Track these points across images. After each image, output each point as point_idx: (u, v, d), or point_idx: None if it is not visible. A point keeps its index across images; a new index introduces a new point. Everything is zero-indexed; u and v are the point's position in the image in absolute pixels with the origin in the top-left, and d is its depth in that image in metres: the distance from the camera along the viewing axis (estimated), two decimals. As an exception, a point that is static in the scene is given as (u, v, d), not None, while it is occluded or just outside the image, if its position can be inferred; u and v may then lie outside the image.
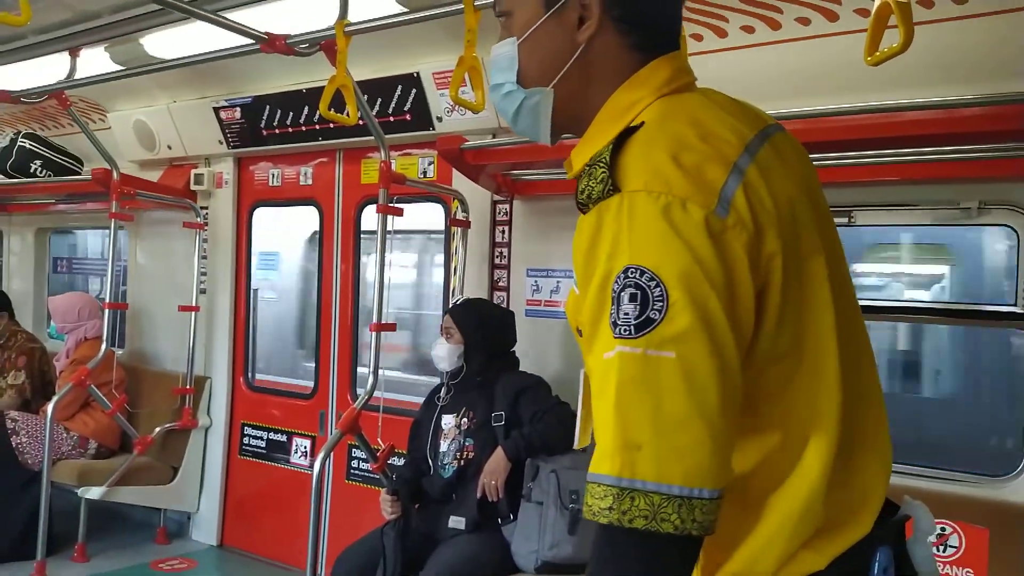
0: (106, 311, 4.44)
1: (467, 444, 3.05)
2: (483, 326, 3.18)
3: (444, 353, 3.14)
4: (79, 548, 4.41)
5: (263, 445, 4.70)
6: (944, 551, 2.51)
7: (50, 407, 4.29)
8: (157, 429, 4.67)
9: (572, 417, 3.30)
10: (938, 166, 2.63)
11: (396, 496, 3.03)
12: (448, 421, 3.14)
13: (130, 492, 4.53)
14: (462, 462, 3.02)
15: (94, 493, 4.35)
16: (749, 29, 2.84)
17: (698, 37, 2.90)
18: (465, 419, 3.10)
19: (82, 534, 4.43)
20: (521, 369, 3.23)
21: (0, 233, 6.65)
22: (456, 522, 2.95)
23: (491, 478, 2.89)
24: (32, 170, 5.23)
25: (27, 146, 5.23)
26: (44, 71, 4.02)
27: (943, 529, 2.53)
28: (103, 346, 4.40)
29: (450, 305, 3.46)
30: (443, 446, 3.12)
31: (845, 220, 2.91)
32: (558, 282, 3.62)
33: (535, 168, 3.50)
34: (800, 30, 2.75)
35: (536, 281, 3.68)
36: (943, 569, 2.50)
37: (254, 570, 4.51)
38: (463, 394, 3.16)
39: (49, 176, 5.26)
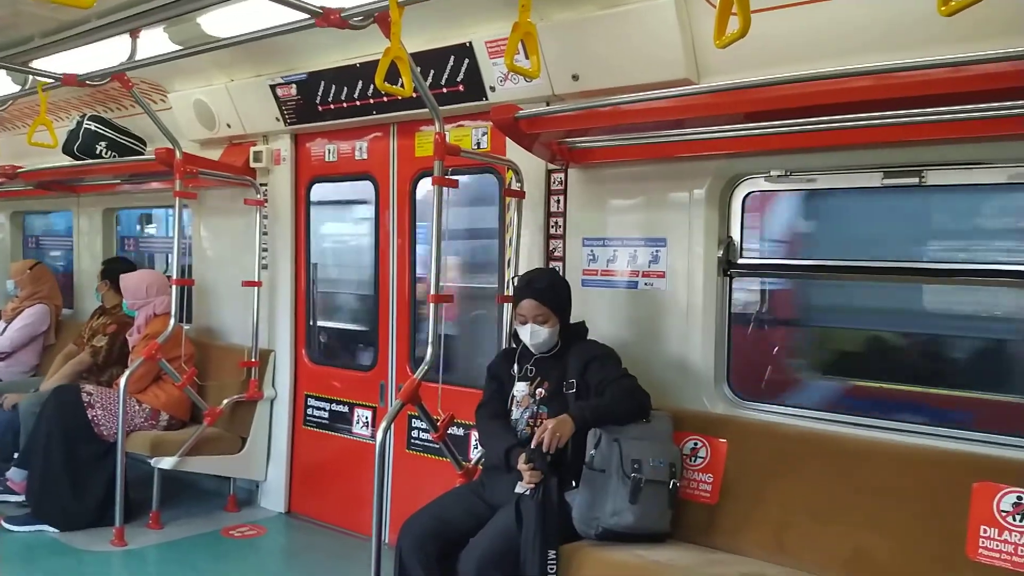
0: (173, 287, 4.57)
1: (541, 412, 3.08)
2: (563, 299, 3.21)
3: (544, 338, 3.12)
4: (153, 516, 4.59)
5: (326, 416, 4.81)
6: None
7: (123, 380, 4.43)
8: (225, 401, 4.80)
9: (637, 389, 3.25)
10: (1014, 121, 2.50)
11: (532, 465, 2.88)
12: (521, 388, 3.16)
13: (201, 462, 4.67)
14: (534, 429, 2.98)
15: (166, 463, 4.51)
16: (814, -17, 2.73)
17: (760, -7, 2.80)
18: (540, 388, 3.13)
19: (156, 502, 4.60)
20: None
21: (70, 214, 6.89)
22: (522, 487, 2.96)
23: (555, 433, 2.79)
24: (98, 151, 5.39)
25: (92, 128, 5.40)
26: (106, 54, 4.09)
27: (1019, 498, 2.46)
28: (171, 321, 4.53)
29: (516, 282, 3.35)
30: (515, 413, 3.14)
31: (916, 180, 2.81)
32: (615, 251, 3.58)
33: (590, 135, 3.44)
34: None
35: (592, 251, 3.66)
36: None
37: (321, 537, 4.62)
38: (539, 364, 3.18)
39: (114, 157, 5.41)
